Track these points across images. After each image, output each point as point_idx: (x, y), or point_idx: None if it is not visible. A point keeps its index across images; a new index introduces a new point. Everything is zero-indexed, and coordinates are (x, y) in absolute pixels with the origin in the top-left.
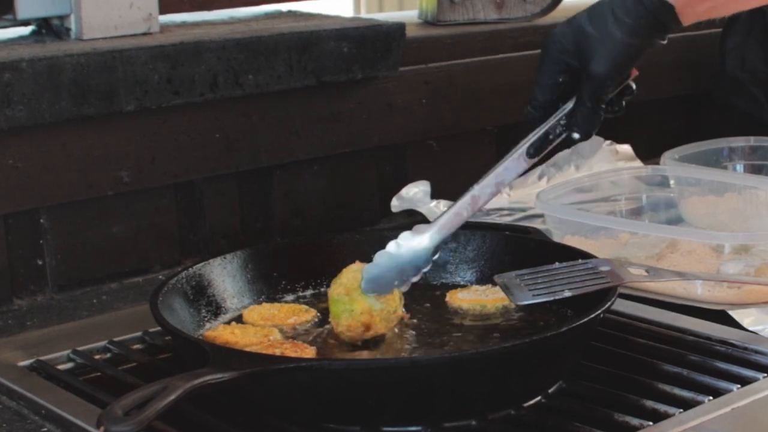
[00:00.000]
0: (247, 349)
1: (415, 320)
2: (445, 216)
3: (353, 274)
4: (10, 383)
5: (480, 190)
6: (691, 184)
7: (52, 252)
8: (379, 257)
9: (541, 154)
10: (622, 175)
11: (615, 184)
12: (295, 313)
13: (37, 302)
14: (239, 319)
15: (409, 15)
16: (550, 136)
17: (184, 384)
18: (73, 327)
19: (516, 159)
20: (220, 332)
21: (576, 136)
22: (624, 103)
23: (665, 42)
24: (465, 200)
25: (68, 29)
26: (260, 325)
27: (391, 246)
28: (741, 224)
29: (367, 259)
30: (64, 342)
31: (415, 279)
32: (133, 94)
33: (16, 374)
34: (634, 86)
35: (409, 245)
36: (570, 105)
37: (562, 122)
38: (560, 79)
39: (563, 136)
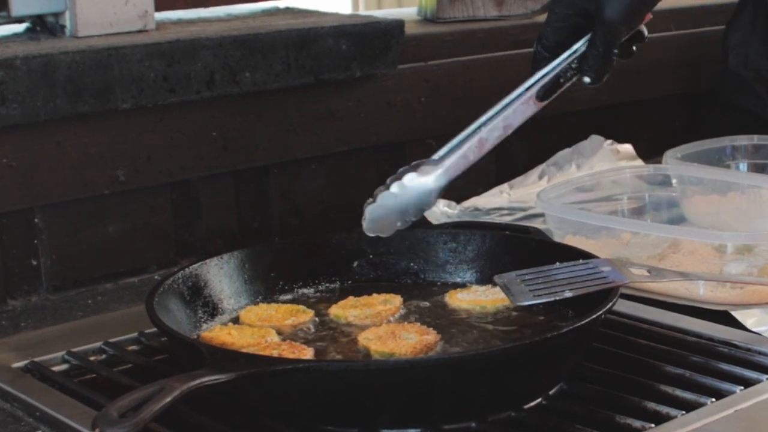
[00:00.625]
0: (244, 350)
1: (414, 321)
2: (452, 158)
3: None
4: (4, 385)
5: (488, 132)
6: (693, 184)
7: (47, 252)
8: (383, 198)
9: (551, 97)
10: (623, 175)
11: (616, 184)
12: (292, 313)
13: (31, 303)
14: (236, 320)
15: (408, 12)
16: (561, 79)
17: (181, 385)
18: (68, 328)
19: (525, 102)
20: (217, 333)
21: (587, 80)
22: (634, 48)
23: None
24: (473, 143)
25: (63, 26)
26: (257, 326)
27: (395, 187)
28: (744, 224)
29: (365, 257)
30: (59, 343)
31: (415, 219)
32: (128, 92)
33: (10, 376)
34: (645, 32)
35: (414, 186)
36: (581, 47)
37: (573, 65)
38: (572, 21)
39: (574, 79)
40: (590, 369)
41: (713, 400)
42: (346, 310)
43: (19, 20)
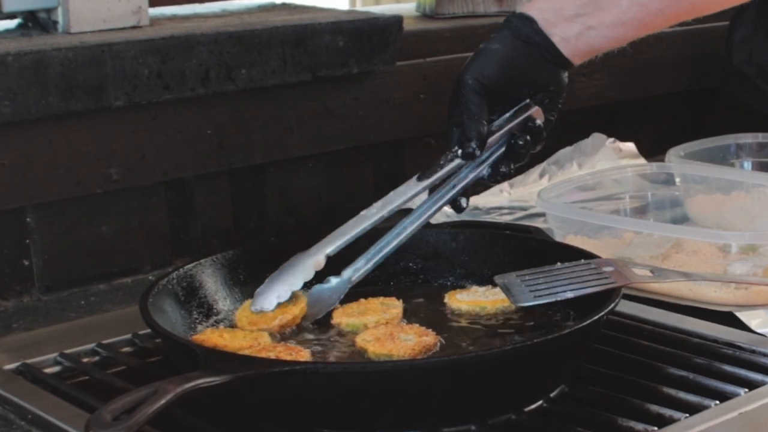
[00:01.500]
0: (245, 351)
1: (412, 322)
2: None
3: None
4: None
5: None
6: (697, 182)
7: (39, 252)
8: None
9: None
10: (626, 173)
11: (618, 182)
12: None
13: (23, 304)
14: (232, 321)
15: (406, 8)
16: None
17: (175, 388)
18: (61, 329)
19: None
20: (208, 335)
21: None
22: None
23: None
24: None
25: (55, 22)
26: (248, 329)
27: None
28: (748, 223)
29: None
30: (51, 345)
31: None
32: (122, 89)
33: (1, 378)
34: (538, 122)
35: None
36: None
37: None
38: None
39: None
40: (592, 371)
41: (717, 402)
42: (347, 318)
43: (10, 16)
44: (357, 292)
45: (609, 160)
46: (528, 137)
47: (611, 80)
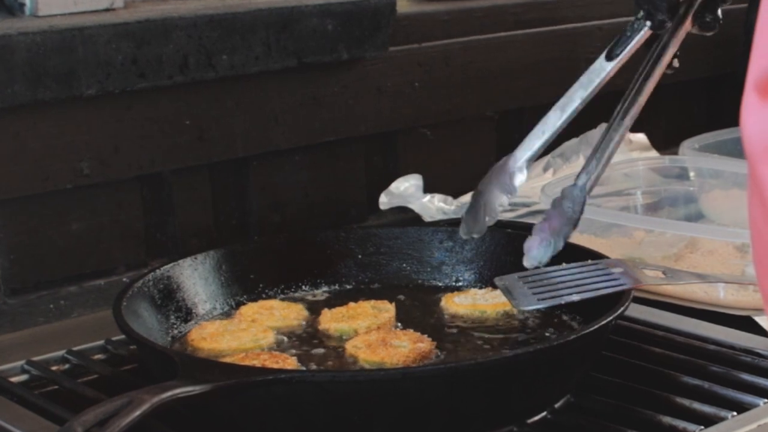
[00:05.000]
0: (226, 358)
1: (406, 327)
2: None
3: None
4: None
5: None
6: (713, 177)
7: (5, 252)
8: None
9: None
10: (636, 167)
11: (629, 177)
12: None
13: None
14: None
15: None
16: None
17: (151, 398)
18: (28, 335)
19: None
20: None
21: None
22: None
23: None
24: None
25: (22, 5)
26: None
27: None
28: None
29: (353, 257)
30: (18, 352)
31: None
32: (94, 77)
33: None
34: None
35: None
36: None
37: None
38: None
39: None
40: (599, 380)
41: (734, 413)
42: (335, 324)
43: None
44: (345, 294)
45: (619, 152)
46: None
47: (620, 66)
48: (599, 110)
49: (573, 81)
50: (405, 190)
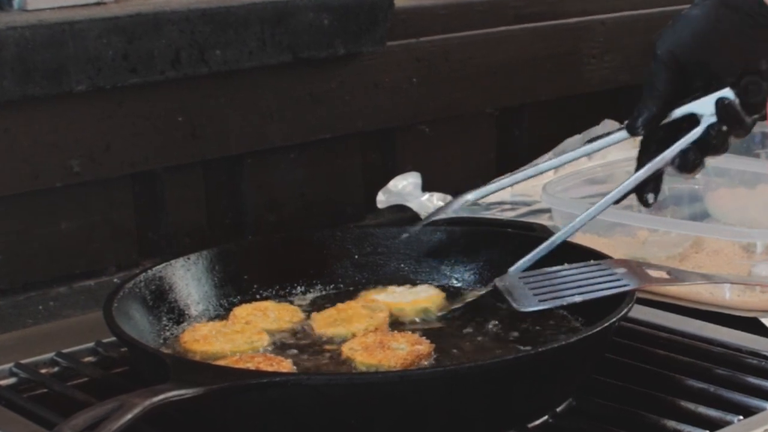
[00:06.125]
0: (220, 361)
1: (402, 329)
2: None
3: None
4: None
5: None
6: (718, 175)
7: None
8: None
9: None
10: None
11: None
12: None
13: None
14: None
15: None
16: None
17: (143, 401)
18: (17, 337)
19: None
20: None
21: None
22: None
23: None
24: None
25: None
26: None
27: None
28: None
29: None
30: (6, 354)
31: None
32: (84, 73)
33: None
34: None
35: None
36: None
37: None
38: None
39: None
40: (602, 383)
41: (741, 417)
42: (332, 329)
43: None
44: (337, 296)
45: (621, 149)
46: (723, 125)
47: (624, 62)
48: (602, 107)
49: (574, 76)
50: (403, 188)
